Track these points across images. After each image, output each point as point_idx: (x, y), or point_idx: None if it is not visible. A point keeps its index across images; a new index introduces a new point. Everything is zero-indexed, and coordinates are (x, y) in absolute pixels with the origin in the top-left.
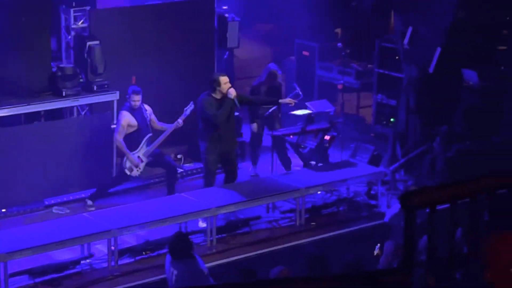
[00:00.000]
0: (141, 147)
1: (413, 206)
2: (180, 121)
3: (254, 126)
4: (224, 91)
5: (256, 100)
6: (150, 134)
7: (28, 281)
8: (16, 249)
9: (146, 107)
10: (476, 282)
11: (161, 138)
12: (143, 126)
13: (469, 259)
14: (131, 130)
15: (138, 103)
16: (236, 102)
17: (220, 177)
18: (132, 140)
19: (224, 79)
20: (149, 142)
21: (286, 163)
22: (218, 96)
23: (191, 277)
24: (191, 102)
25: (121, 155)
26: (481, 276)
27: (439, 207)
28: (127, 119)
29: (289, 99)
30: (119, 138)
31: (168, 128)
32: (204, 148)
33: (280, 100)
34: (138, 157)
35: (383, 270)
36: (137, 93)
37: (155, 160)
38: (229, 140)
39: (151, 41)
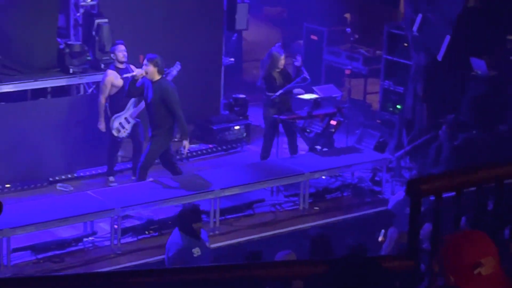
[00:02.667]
0: (128, 109)
1: (419, 193)
2: None
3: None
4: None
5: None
6: None
7: (30, 257)
8: (19, 224)
9: (133, 68)
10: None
11: None
12: None
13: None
14: (115, 90)
15: (125, 55)
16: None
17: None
18: (118, 102)
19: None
20: (136, 103)
21: (293, 148)
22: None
23: (184, 255)
24: (177, 62)
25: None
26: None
27: (444, 195)
28: (111, 78)
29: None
30: (101, 98)
31: None
32: None
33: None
34: (125, 118)
35: (388, 255)
36: (121, 43)
37: (130, 130)
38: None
39: (160, 21)
